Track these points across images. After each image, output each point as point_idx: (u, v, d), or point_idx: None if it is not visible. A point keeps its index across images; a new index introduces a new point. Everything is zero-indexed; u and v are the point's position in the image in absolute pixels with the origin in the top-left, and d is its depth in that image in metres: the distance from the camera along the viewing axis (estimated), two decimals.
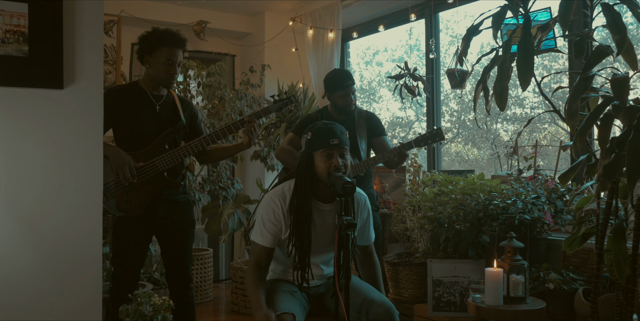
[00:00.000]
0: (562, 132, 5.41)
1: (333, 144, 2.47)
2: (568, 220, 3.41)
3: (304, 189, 2.51)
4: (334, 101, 3.76)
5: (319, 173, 2.50)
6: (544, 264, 3.29)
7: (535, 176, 3.55)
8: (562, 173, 2.43)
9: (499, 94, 2.29)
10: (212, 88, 4.91)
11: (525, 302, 2.90)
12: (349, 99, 3.70)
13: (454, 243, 3.66)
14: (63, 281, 2.33)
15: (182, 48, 3.15)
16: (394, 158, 3.48)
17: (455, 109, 6.17)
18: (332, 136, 2.48)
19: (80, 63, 2.37)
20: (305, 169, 2.53)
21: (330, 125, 2.53)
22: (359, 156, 3.71)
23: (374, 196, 3.87)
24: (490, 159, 5.93)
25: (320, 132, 2.50)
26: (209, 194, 5.02)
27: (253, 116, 3.19)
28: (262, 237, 2.56)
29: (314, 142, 2.51)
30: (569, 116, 2.26)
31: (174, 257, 3.26)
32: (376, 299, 2.47)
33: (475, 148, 6.13)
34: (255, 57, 5.98)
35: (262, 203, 2.62)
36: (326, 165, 2.47)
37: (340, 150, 2.49)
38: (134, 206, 3.09)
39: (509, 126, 5.73)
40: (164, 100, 3.21)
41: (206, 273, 5.18)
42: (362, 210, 2.68)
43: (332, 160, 2.47)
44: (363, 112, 3.85)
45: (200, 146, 3.14)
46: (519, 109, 5.57)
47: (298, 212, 2.50)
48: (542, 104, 5.48)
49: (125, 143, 3.14)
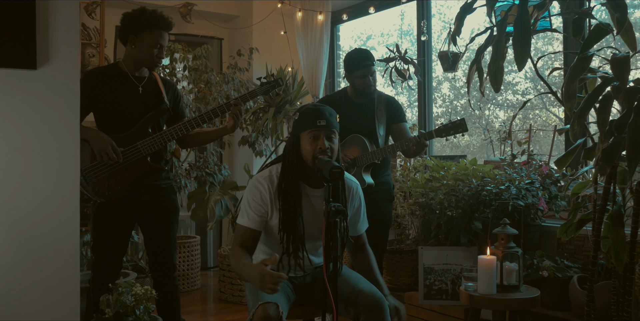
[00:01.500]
0: (553, 118, 5.33)
1: (320, 125, 2.35)
2: (562, 206, 3.33)
3: (291, 172, 2.41)
4: (352, 81, 3.59)
5: (305, 156, 2.40)
6: (538, 252, 3.22)
7: (529, 161, 3.47)
8: (558, 158, 2.34)
9: (493, 74, 2.19)
10: (199, 72, 4.79)
11: (519, 290, 2.82)
12: (367, 81, 3.52)
13: (446, 230, 3.59)
14: (39, 270, 2.23)
15: (169, 31, 3.04)
16: (412, 147, 3.30)
17: (447, 95, 6.08)
18: (320, 117, 2.37)
19: (55, 42, 2.26)
20: (291, 151, 2.43)
21: (319, 106, 2.42)
22: (376, 142, 3.56)
23: (391, 185, 3.70)
24: (482, 145, 5.85)
25: (308, 113, 2.39)
26: (196, 181, 4.92)
27: (239, 99, 3.09)
28: (248, 219, 2.44)
29: (300, 123, 2.40)
30: (567, 97, 2.16)
31: (157, 245, 3.16)
32: (365, 289, 2.38)
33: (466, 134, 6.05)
34: (243, 40, 5.84)
35: (248, 186, 2.50)
36: (312, 147, 2.36)
37: (328, 132, 2.38)
38: (116, 192, 2.98)
39: (501, 112, 5.65)
40: (146, 82, 3.09)
41: (193, 260, 5.08)
42: (353, 198, 2.58)
43: (318, 142, 2.36)
44: (383, 96, 3.66)
45: (185, 130, 3.04)
46: (511, 95, 5.49)
47: (286, 196, 2.40)
48: (534, 89, 5.40)
49: (107, 127, 3.03)
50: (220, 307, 4.61)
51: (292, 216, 2.39)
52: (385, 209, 3.59)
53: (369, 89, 3.55)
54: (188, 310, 4.51)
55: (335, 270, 2.11)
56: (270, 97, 5.02)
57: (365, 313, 2.32)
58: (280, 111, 4.95)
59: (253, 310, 2.22)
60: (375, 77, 3.57)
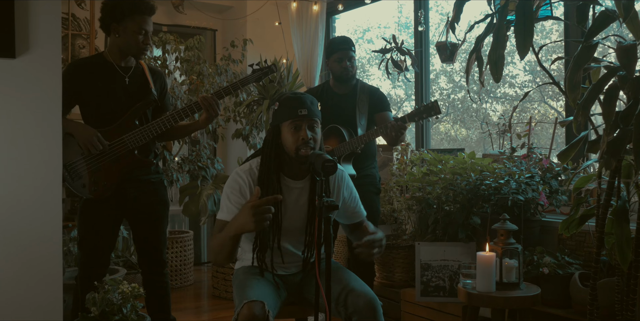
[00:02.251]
0: (551, 112, 5.24)
1: (301, 115, 2.25)
2: (563, 201, 3.24)
3: (269, 164, 2.32)
4: (330, 67, 3.55)
5: (286, 147, 2.30)
6: (538, 248, 3.13)
7: (528, 155, 3.37)
8: (561, 151, 2.24)
9: (494, 63, 2.09)
10: (191, 63, 4.68)
11: (519, 288, 2.73)
12: (343, 64, 3.49)
13: (443, 225, 3.49)
14: (19, 267, 2.15)
15: (152, 15, 2.93)
16: (390, 133, 3.22)
17: (445, 88, 5.99)
18: (301, 106, 2.26)
19: (35, 30, 2.16)
20: (271, 142, 2.33)
21: (299, 95, 2.32)
22: (355, 132, 3.48)
23: (377, 177, 3.64)
24: (479, 139, 5.77)
25: (288, 102, 2.29)
26: (189, 175, 4.82)
27: (230, 87, 2.98)
28: (228, 213, 2.32)
29: (281, 113, 2.30)
30: (571, 88, 2.06)
31: (146, 241, 3.07)
32: (356, 288, 2.27)
33: (464, 128, 5.97)
34: (237, 31, 5.73)
35: (228, 180, 2.41)
36: (294, 138, 2.26)
37: (310, 122, 2.28)
38: (103, 187, 2.89)
39: (498, 105, 5.56)
40: (132, 72, 2.98)
41: (186, 256, 4.99)
42: (340, 186, 2.46)
43: (300, 132, 2.26)
44: (367, 86, 3.62)
45: (174, 121, 2.93)
46: (508, 89, 5.39)
47: (266, 189, 2.30)
48: (533, 82, 5.31)
49: (93, 120, 2.93)
50: (214, 303, 4.53)
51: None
52: (372, 202, 3.49)
53: (347, 73, 3.51)
54: (181, 307, 4.42)
55: (329, 268, 2.02)
56: (264, 89, 4.92)
57: (357, 314, 2.21)
58: None
59: (238, 309, 2.12)
60: (353, 64, 3.53)
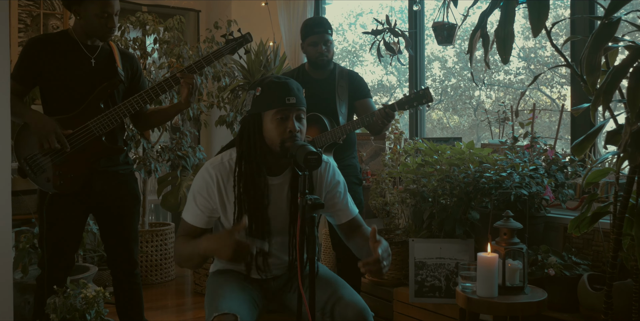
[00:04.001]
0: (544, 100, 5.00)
1: (289, 104, 1.97)
2: (570, 195, 2.98)
3: (255, 157, 2.02)
4: (305, 50, 3.30)
5: (269, 139, 2.01)
6: (543, 246, 2.87)
7: (532, 145, 3.11)
8: (576, 142, 1.98)
9: (502, 41, 1.82)
10: (170, 45, 4.38)
11: (524, 292, 2.48)
12: (319, 48, 3.23)
13: (439, 220, 3.23)
14: None
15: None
16: (377, 121, 2.98)
17: (438, 75, 5.74)
18: (288, 93, 1.98)
19: None
20: (253, 133, 2.03)
21: (284, 80, 2.03)
22: (337, 121, 3.23)
23: (357, 167, 3.41)
24: (472, 126, 5.55)
25: (273, 88, 2.00)
26: (169, 164, 4.53)
27: (202, 60, 2.70)
28: (192, 215, 2.07)
29: (264, 100, 2.00)
30: (589, 70, 1.80)
31: (116, 239, 2.80)
32: (345, 297, 2.01)
33: (456, 115, 5.75)
34: (221, 12, 5.42)
35: (197, 174, 2.12)
36: (279, 129, 1.98)
37: (297, 111, 2.00)
38: (69, 181, 2.61)
39: (492, 92, 5.33)
40: (99, 52, 2.70)
41: (167, 249, 4.72)
42: (329, 178, 2.18)
43: (287, 123, 1.98)
44: (345, 71, 3.37)
45: (142, 103, 2.65)
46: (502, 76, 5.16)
47: (248, 187, 2.02)
48: (527, 69, 5.06)
49: (55, 105, 2.65)
50: (196, 301, 4.27)
51: (257, 212, 2.03)
52: (354, 193, 3.25)
53: (322, 58, 3.25)
54: (161, 305, 4.17)
55: (313, 274, 1.76)
56: (249, 73, 4.63)
57: None
58: None
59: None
60: (330, 48, 3.27)
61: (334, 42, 3.33)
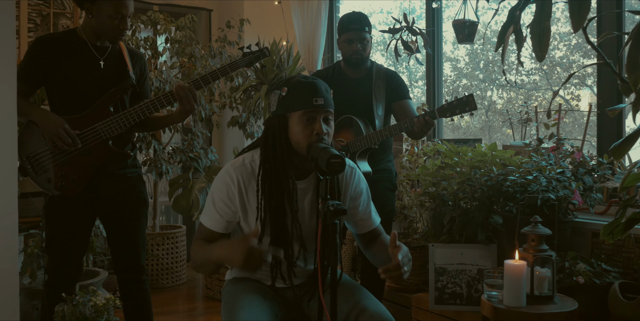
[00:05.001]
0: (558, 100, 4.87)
1: (317, 105, 1.87)
2: (598, 199, 2.86)
3: (281, 160, 1.92)
4: (341, 47, 3.16)
5: (295, 142, 1.91)
6: (570, 253, 2.75)
7: (558, 147, 2.99)
8: (615, 145, 1.86)
9: (538, 37, 1.71)
10: (182, 44, 4.28)
11: (553, 302, 2.37)
12: (354, 46, 3.07)
13: (460, 225, 3.12)
14: None
15: None
16: (415, 129, 2.83)
17: (449, 75, 5.63)
18: (316, 93, 1.88)
19: None
20: (278, 134, 1.93)
21: (311, 80, 1.92)
22: (372, 123, 3.08)
23: (393, 172, 3.24)
24: (483, 127, 5.44)
25: (300, 88, 1.90)
26: (180, 166, 4.44)
27: (218, 71, 2.61)
28: (211, 220, 1.98)
29: (290, 101, 1.91)
30: (631, 68, 1.68)
31: (122, 245, 2.71)
32: (369, 307, 1.90)
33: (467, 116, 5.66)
34: (234, 11, 5.32)
35: (216, 177, 2.02)
36: (306, 132, 1.88)
37: (325, 113, 1.90)
38: (71, 183, 2.52)
39: (504, 93, 5.22)
40: (109, 53, 2.61)
41: (178, 253, 4.63)
42: (351, 183, 2.09)
43: (314, 125, 1.88)
44: (383, 70, 3.19)
45: (154, 109, 2.56)
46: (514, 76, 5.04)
47: (272, 191, 1.92)
48: (540, 70, 4.94)
49: (62, 106, 2.56)
50: (207, 306, 4.18)
51: (277, 217, 1.92)
52: (387, 200, 3.13)
53: (357, 56, 3.09)
54: (172, 309, 4.09)
55: (335, 283, 1.67)
56: (262, 73, 4.53)
57: None
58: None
59: None
60: (366, 46, 3.11)
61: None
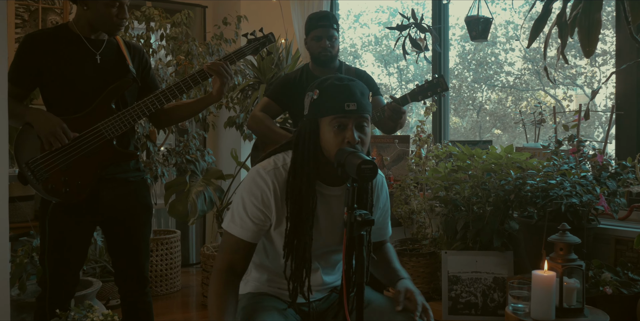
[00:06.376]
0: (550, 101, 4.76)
1: (349, 110, 1.70)
2: (622, 204, 2.72)
3: (306, 167, 1.76)
4: (308, 47, 3.10)
5: (325, 148, 1.75)
6: (595, 261, 2.61)
7: (579, 149, 2.85)
8: None
9: (586, 31, 1.56)
10: (178, 41, 4.11)
11: (583, 315, 2.22)
12: (322, 43, 3.02)
13: (475, 231, 2.98)
14: None
15: None
16: (387, 121, 2.77)
17: None
18: (348, 97, 1.71)
19: None
20: (308, 140, 1.77)
21: (346, 81, 1.75)
22: None
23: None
24: (473, 128, 5.34)
25: (332, 91, 1.73)
26: (176, 169, 4.26)
27: (225, 59, 2.45)
28: (241, 228, 1.79)
29: (321, 105, 1.74)
30: None
31: (125, 254, 2.53)
32: None
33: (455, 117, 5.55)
34: (230, 8, 5.15)
35: (246, 180, 1.84)
36: (337, 139, 1.71)
37: (359, 119, 1.73)
38: (76, 189, 2.33)
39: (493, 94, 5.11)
40: (105, 47, 2.43)
41: (173, 259, 4.44)
42: (379, 194, 1.95)
43: (345, 133, 1.71)
44: (352, 69, 3.16)
45: (158, 103, 2.39)
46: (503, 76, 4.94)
47: (297, 198, 1.76)
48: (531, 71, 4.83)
49: (58, 106, 2.38)
50: (204, 315, 4.00)
51: (302, 226, 1.76)
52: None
53: (326, 53, 3.03)
54: (167, 319, 3.90)
55: (361, 300, 1.51)
56: (260, 71, 4.36)
57: None
58: None
59: None
60: (334, 44, 3.05)
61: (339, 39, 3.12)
